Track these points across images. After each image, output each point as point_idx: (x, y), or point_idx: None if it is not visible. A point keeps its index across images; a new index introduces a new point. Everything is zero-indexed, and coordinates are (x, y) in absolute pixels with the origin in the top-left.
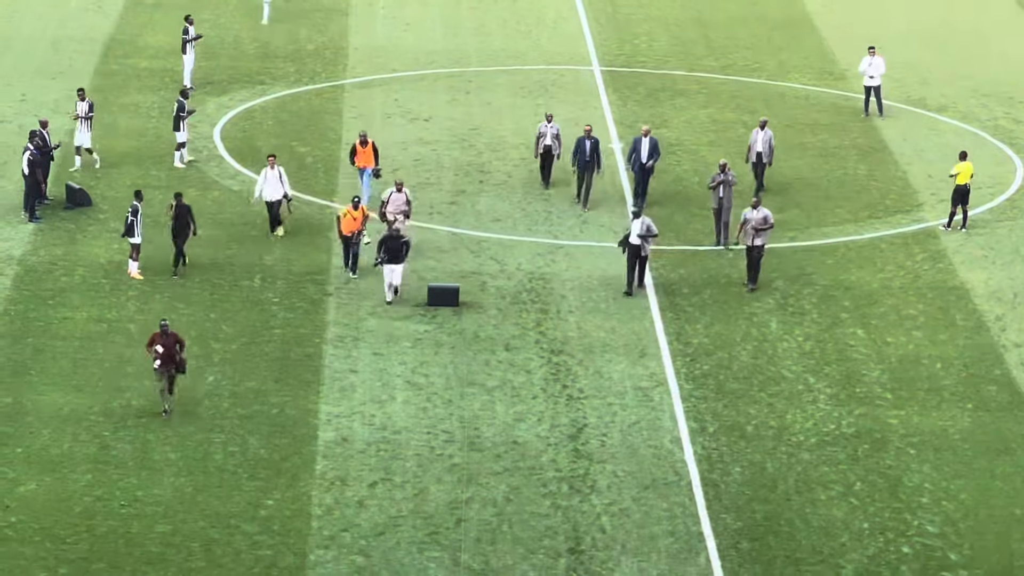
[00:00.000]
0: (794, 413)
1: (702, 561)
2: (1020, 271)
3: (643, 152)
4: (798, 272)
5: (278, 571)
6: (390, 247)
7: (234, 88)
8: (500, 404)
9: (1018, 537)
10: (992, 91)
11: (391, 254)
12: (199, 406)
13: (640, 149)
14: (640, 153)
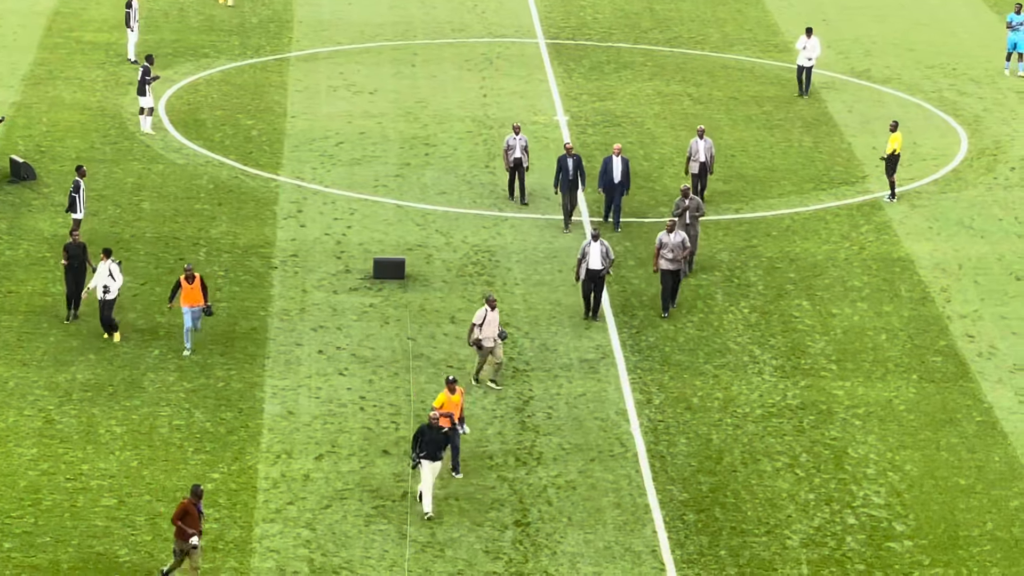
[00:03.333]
0: (740, 385)
1: (648, 533)
2: (965, 242)
3: (615, 171)
4: (743, 244)
5: (224, 544)
6: (429, 440)
7: (179, 61)
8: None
9: (963, 507)
10: (936, 63)
11: (430, 448)
12: (144, 379)
13: (611, 169)
14: (612, 173)
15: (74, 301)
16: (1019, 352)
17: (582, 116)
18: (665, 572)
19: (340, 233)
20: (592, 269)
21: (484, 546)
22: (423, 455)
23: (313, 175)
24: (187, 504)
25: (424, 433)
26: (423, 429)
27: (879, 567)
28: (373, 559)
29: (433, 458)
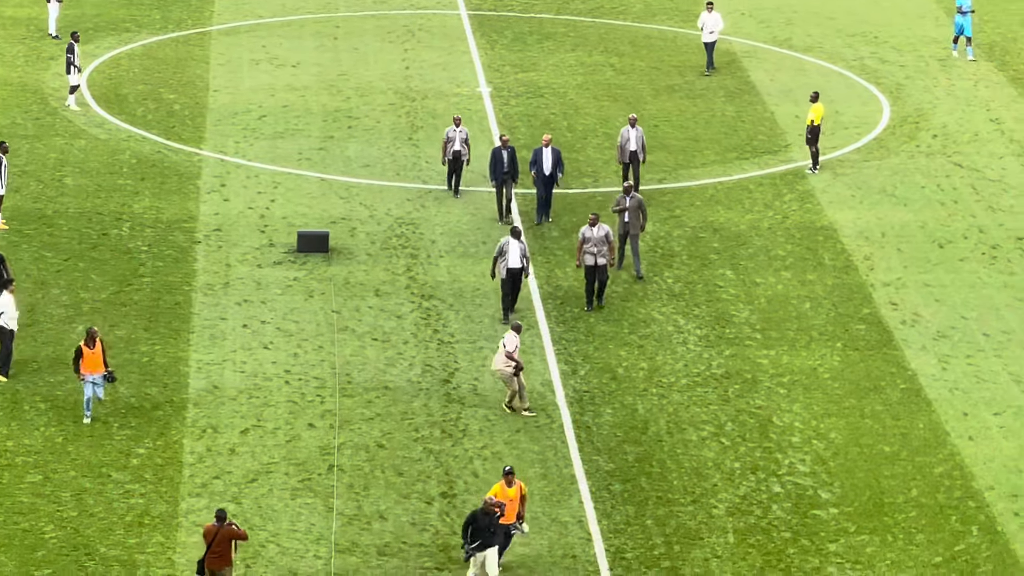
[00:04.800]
0: (664, 355)
1: (575, 503)
2: (887, 210)
3: (545, 163)
4: (667, 214)
5: (150, 519)
6: (480, 526)
7: (100, 36)
8: (371, 349)
9: (887, 474)
10: (857, 31)
11: (484, 537)
12: (68, 355)
13: (542, 160)
14: (542, 164)
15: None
16: (942, 319)
17: (505, 87)
18: (592, 542)
19: (264, 207)
20: (512, 268)
21: (411, 518)
22: (476, 545)
23: (236, 149)
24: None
25: (477, 520)
26: (476, 516)
27: (805, 535)
28: (299, 532)
29: (488, 545)
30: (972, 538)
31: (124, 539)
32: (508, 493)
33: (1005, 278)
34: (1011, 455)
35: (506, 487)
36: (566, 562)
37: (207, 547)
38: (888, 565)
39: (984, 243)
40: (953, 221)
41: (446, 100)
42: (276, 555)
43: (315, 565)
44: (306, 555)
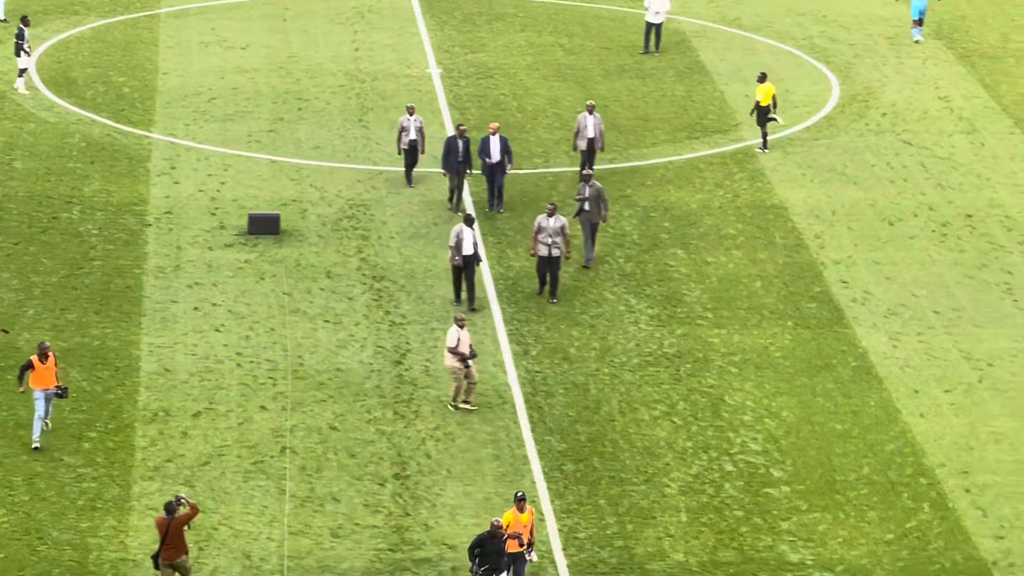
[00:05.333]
0: (616, 334)
1: (527, 483)
2: (838, 189)
3: (493, 151)
4: (618, 194)
5: (103, 503)
6: (490, 551)
7: (48, 19)
8: (323, 331)
9: (839, 452)
10: (807, 10)
11: (492, 561)
12: (19, 339)
13: (489, 148)
14: (490, 152)
15: None
16: (892, 297)
17: (455, 68)
18: (545, 522)
19: (214, 189)
20: (465, 255)
21: (363, 500)
22: (485, 569)
23: (186, 131)
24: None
25: (484, 543)
26: (483, 539)
27: (757, 513)
28: (252, 514)
29: (497, 570)
30: (923, 515)
31: (76, 523)
32: (521, 519)
33: (955, 255)
34: (962, 432)
35: (518, 513)
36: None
37: (161, 540)
38: (840, 542)
39: (934, 221)
40: (903, 199)
41: (396, 82)
42: (229, 537)
43: (268, 547)
44: (259, 537)
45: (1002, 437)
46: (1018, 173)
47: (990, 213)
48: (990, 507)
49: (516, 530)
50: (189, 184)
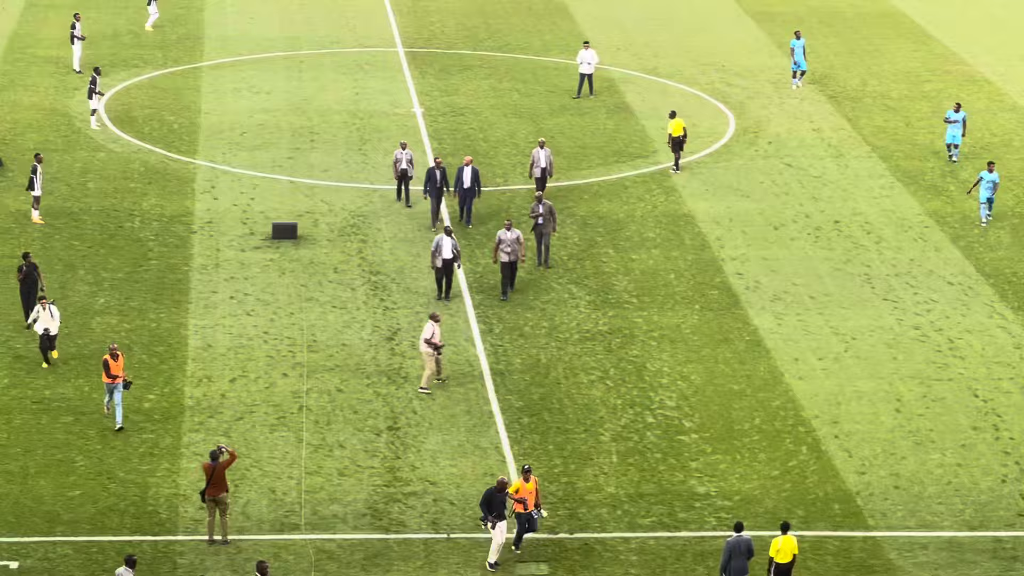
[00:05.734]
0: (561, 316)
1: (492, 433)
2: (733, 201)
3: (465, 179)
4: (562, 207)
5: (159, 450)
6: (496, 502)
7: (114, 71)
8: (331, 315)
9: (736, 407)
10: (709, 61)
11: (499, 509)
12: (93, 320)
13: (463, 177)
14: (462, 180)
15: (30, 311)
16: (777, 285)
17: (434, 108)
18: (506, 463)
19: (245, 204)
20: (445, 259)
21: (364, 447)
22: (495, 515)
23: (223, 158)
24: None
25: (493, 497)
26: (492, 493)
27: (672, 455)
28: (276, 459)
29: (502, 517)
30: (802, 456)
31: (138, 466)
32: (527, 487)
33: (826, 253)
34: (831, 391)
35: (524, 482)
36: (486, 479)
37: (207, 480)
38: (737, 477)
39: (809, 226)
40: (785, 209)
41: (388, 119)
42: (258, 476)
43: (289, 484)
44: (282, 476)
45: (863, 395)
46: (874, 188)
47: (853, 219)
48: (854, 449)
49: (523, 496)
50: (225, 200)
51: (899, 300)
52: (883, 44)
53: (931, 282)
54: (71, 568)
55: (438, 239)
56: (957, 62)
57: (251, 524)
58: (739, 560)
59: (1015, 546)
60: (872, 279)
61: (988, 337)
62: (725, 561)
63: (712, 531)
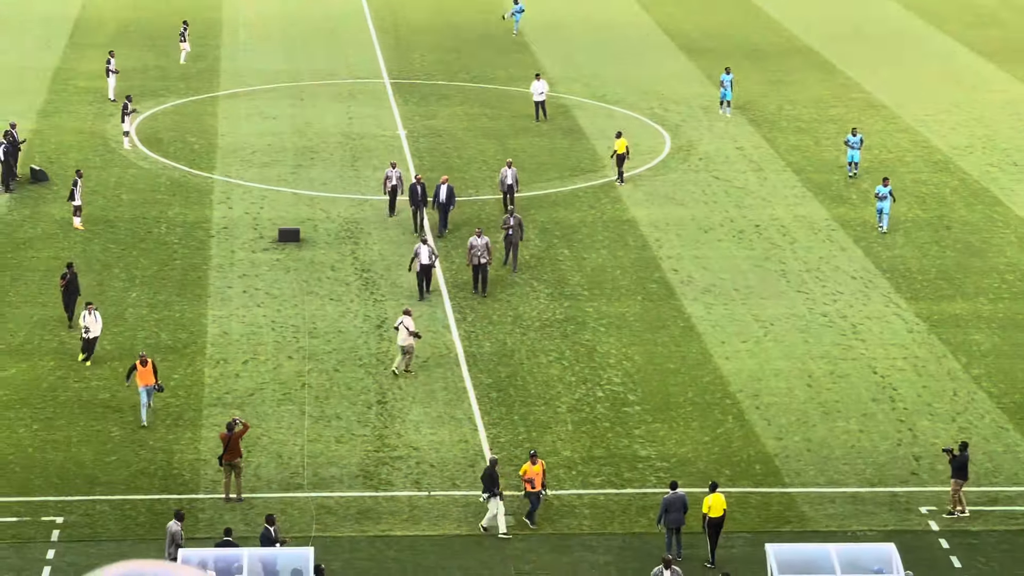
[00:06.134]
0: (524, 306)
1: (466, 406)
2: (670, 209)
3: (442, 195)
4: (525, 214)
5: (183, 421)
6: (495, 478)
7: (144, 99)
8: (329, 306)
9: (672, 383)
10: (649, 89)
11: (492, 486)
12: (126, 312)
13: (439, 193)
14: (439, 196)
15: (70, 312)
16: (707, 280)
17: (415, 131)
18: (478, 432)
19: (256, 212)
20: (424, 264)
21: (357, 418)
22: (490, 493)
23: (237, 174)
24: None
25: (493, 474)
26: (487, 471)
27: (619, 424)
28: (283, 428)
29: (496, 494)
30: (728, 424)
31: (165, 435)
32: (534, 469)
33: (748, 252)
34: (753, 369)
35: (531, 465)
36: (461, 445)
37: (224, 447)
38: (674, 443)
39: (734, 229)
40: (713, 215)
41: (376, 140)
42: (268, 444)
43: (293, 450)
44: (288, 443)
45: (780, 372)
46: (789, 197)
47: (770, 224)
48: (772, 419)
49: (531, 476)
50: (239, 209)
51: (810, 292)
52: (796, 75)
53: (837, 277)
54: (108, 522)
55: (417, 246)
56: (858, 91)
57: (262, 484)
58: (675, 513)
59: (908, 499)
60: (787, 274)
61: (885, 323)
62: (661, 514)
63: (653, 488)
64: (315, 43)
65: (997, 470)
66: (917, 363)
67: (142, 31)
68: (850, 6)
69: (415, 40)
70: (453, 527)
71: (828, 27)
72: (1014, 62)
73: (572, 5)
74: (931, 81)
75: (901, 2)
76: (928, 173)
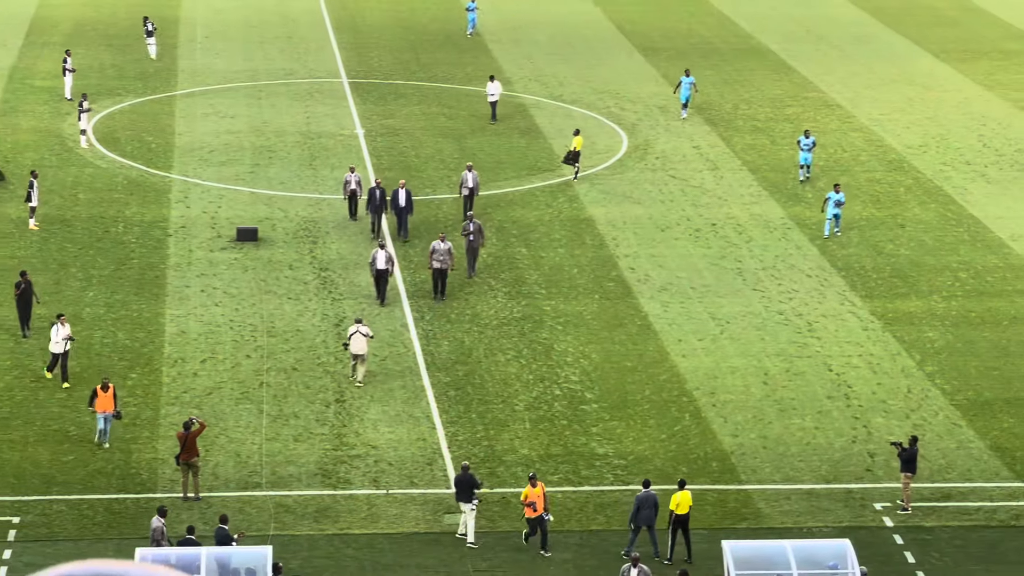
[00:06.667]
0: (482, 305)
1: (424, 404)
2: (627, 208)
3: (401, 200)
4: (481, 213)
5: (141, 421)
6: (467, 485)
7: (100, 98)
8: (287, 305)
9: (630, 380)
10: (605, 89)
11: (470, 490)
12: (83, 311)
13: (398, 198)
14: (398, 200)
15: (26, 322)
16: (663, 278)
17: (373, 129)
18: (436, 430)
19: (214, 211)
20: (379, 269)
21: (315, 416)
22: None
23: (194, 173)
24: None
25: (462, 481)
26: (465, 477)
27: (576, 422)
28: (241, 427)
29: (467, 500)
30: (685, 422)
31: (123, 434)
32: (535, 492)
33: (704, 250)
34: (709, 367)
35: (532, 487)
36: (419, 443)
37: (181, 447)
38: (631, 440)
39: (690, 228)
40: (670, 213)
41: (334, 139)
42: (226, 443)
43: (252, 449)
44: (246, 442)
45: (736, 370)
46: (745, 196)
47: (727, 222)
48: (729, 416)
49: (532, 500)
50: (196, 208)
51: (766, 290)
52: (752, 75)
53: (792, 275)
54: (65, 522)
55: (374, 251)
56: (813, 90)
57: (219, 483)
58: (646, 511)
59: (863, 496)
60: (743, 272)
61: (840, 321)
62: (634, 512)
63: (610, 486)
64: (273, 42)
65: (950, 466)
66: (872, 360)
67: (99, 30)
68: (805, 6)
69: (373, 39)
70: (411, 525)
71: (784, 27)
72: (968, 62)
73: (529, 5)
74: (885, 81)
75: (856, 2)
76: (882, 172)
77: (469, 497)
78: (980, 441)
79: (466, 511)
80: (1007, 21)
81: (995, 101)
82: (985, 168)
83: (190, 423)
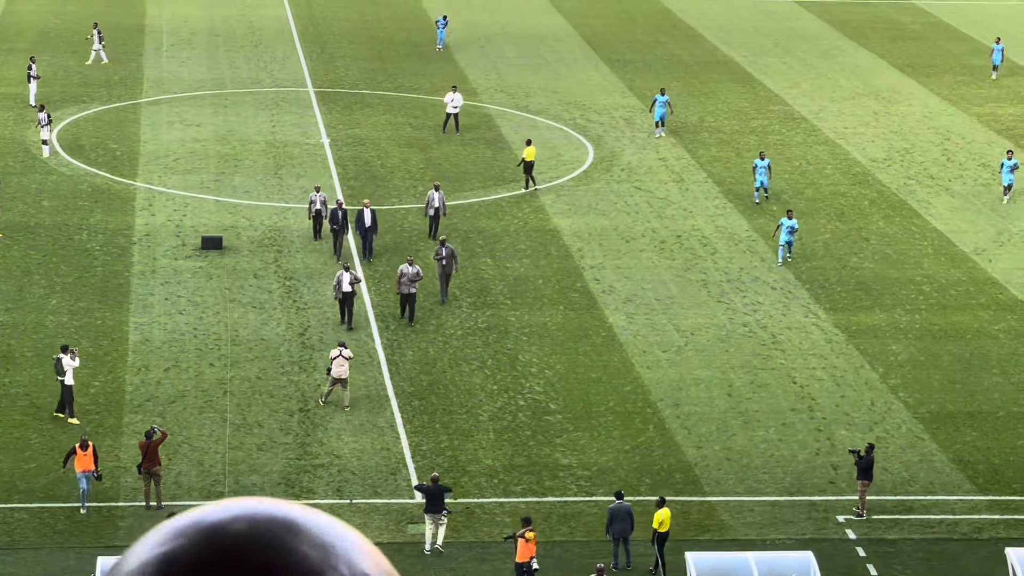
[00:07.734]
0: (447, 315)
1: (388, 414)
2: (592, 219)
3: (366, 219)
4: (447, 223)
5: (103, 429)
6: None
7: (65, 106)
8: (251, 314)
9: (595, 392)
10: (571, 100)
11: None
12: (47, 319)
13: (363, 218)
14: (363, 220)
15: None
16: (628, 290)
17: (339, 139)
18: (400, 440)
19: (178, 219)
20: (345, 292)
21: (279, 425)
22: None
23: (159, 181)
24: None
25: (428, 489)
26: (433, 486)
27: (540, 432)
28: (204, 436)
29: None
30: (649, 433)
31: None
32: (527, 536)
33: (669, 262)
34: (674, 379)
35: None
36: (383, 453)
37: (143, 455)
38: (595, 451)
39: (656, 240)
40: (635, 225)
41: (300, 148)
42: (189, 452)
43: (215, 458)
44: (209, 451)
45: (700, 381)
46: (710, 208)
47: (692, 235)
48: (693, 428)
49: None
50: (161, 216)
51: (731, 302)
52: (717, 87)
53: (757, 287)
54: (26, 530)
55: (339, 274)
56: (778, 103)
57: (183, 492)
58: (620, 524)
59: (826, 508)
60: (708, 284)
61: (804, 333)
62: (607, 524)
63: (574, 496)
64: (239, 51)
65: (913, 479)
66: (835, 373)
67: (64, 37)
68: (772, 19)
69: (339, 49)
70: (375, 535)
71: (750, 40)
72: (932, 76)
73: (496, 16)
74: (850, 94)
75: (822, 16)
76: (847, 185)
77: (440, 508)
78: (943, 454)
79: (433, 524)
80: (971, 36)
81: (959, 116)
82: (949, 182)
83: (152, 432)
